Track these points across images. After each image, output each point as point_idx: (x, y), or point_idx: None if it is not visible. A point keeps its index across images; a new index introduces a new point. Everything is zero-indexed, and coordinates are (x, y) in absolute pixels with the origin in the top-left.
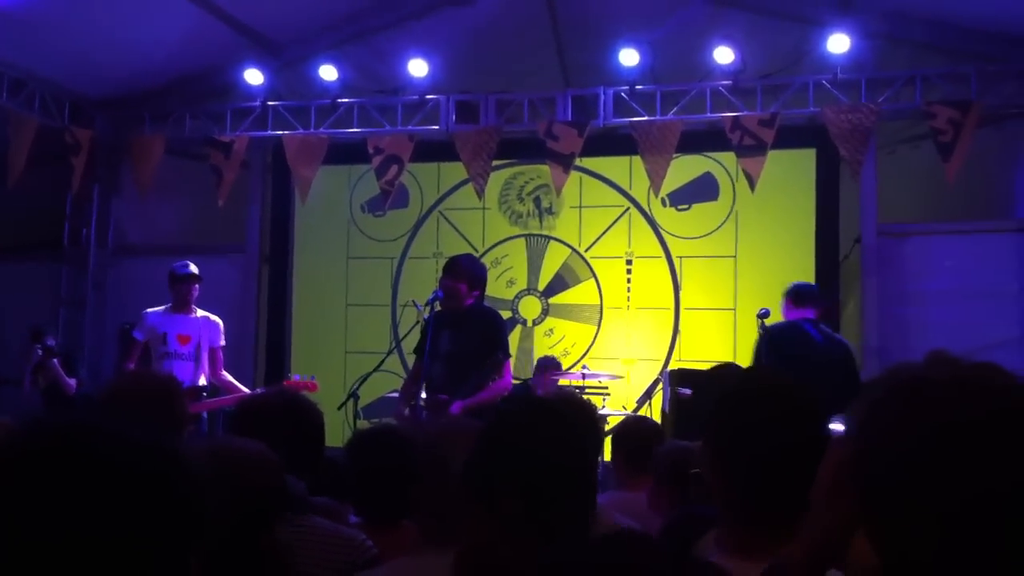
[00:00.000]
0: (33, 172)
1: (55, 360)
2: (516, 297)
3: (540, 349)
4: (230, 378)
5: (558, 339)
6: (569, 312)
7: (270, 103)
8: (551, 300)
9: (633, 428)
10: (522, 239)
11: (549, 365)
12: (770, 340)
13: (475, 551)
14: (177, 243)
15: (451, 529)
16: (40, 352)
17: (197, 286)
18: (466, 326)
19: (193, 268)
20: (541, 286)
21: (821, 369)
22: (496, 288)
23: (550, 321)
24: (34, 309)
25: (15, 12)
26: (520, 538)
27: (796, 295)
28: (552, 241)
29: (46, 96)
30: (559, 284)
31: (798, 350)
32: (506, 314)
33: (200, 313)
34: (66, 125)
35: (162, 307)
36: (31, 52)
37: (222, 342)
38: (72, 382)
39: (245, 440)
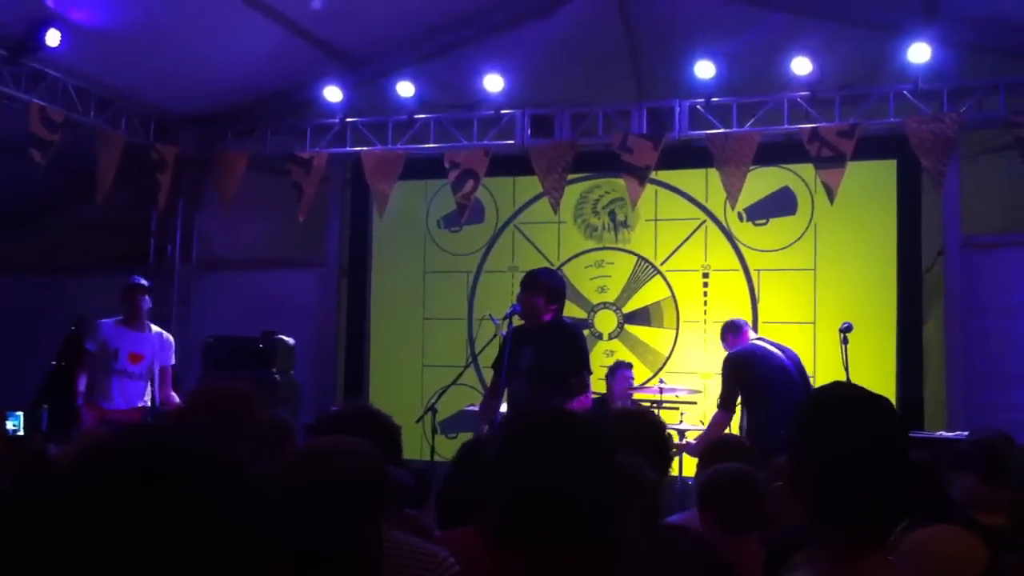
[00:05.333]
0: (119, 187)
1: None
2: (591, 311)
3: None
4: (177, 399)
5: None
6: (646, 318)
7: (348, 120)
8: (624, 310)
9: (717, 446)
10: (633, 257)
11: (617, 368)
12: (737, 367)
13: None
14: (259, 257)
15: None
16: None
17: (146, 297)
18: (547, 341)
19: (142, 280)
20: (625, 307)
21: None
22: (586, 287)
23: (616, 342)
24: None
25: (102, 31)
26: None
27: (731, 328)
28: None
29: (132, 113)
30: (641, 313)
31: (775, 367)
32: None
33: (154, 329)
34: (152, 142)
35: (114, 319)
36: (118, 70)
37: (172, 361)
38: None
39: (346, 436)
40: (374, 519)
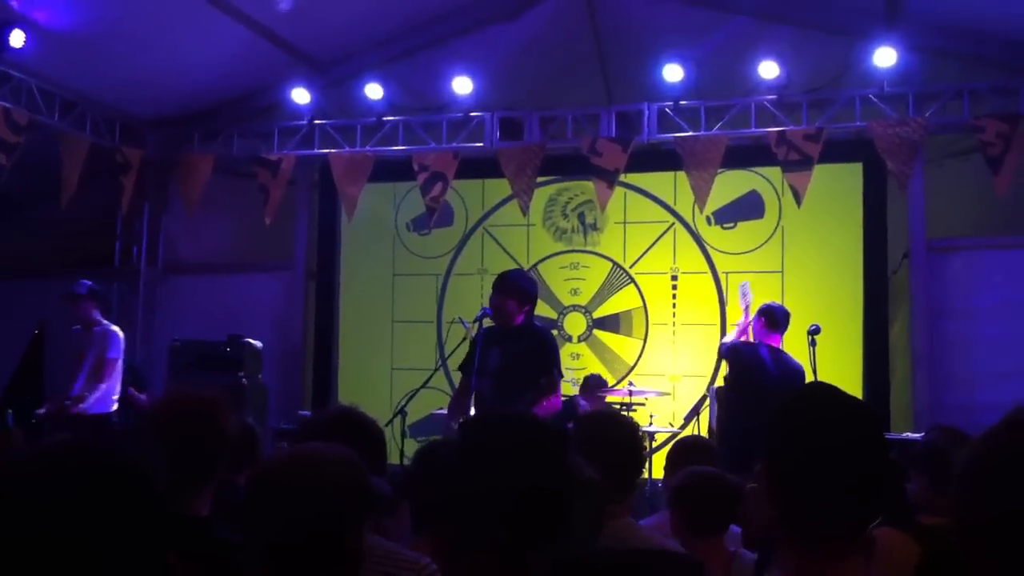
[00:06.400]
0: (84, 189)
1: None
2: (562, 312)
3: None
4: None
5: (583, 366)
6: (615, 325)
7: (316, 122)
8: (595, 315)
9: (687, 448)
10: (608, 263)
11: (596, 383)
12: (733, 356)
13: None
14: (225, 260)
15: None
16: None
17: (79, 304)
18: (516, 343)
19: (78, 289)
20: (596, 312)
21: (772, 396)
22: (559, 288)
23: (584, 346)
24: None
25: (66, 33)
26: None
27: (771, 318)
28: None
29: (97, 116)
30: (611, 319)
31: (754, 374)
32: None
33: (99, 328)
34: (117, 145)
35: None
36: (82, 73)
37: (110, 354)
38: (143, 397)
39: (329, 443)
40: (356, 527)
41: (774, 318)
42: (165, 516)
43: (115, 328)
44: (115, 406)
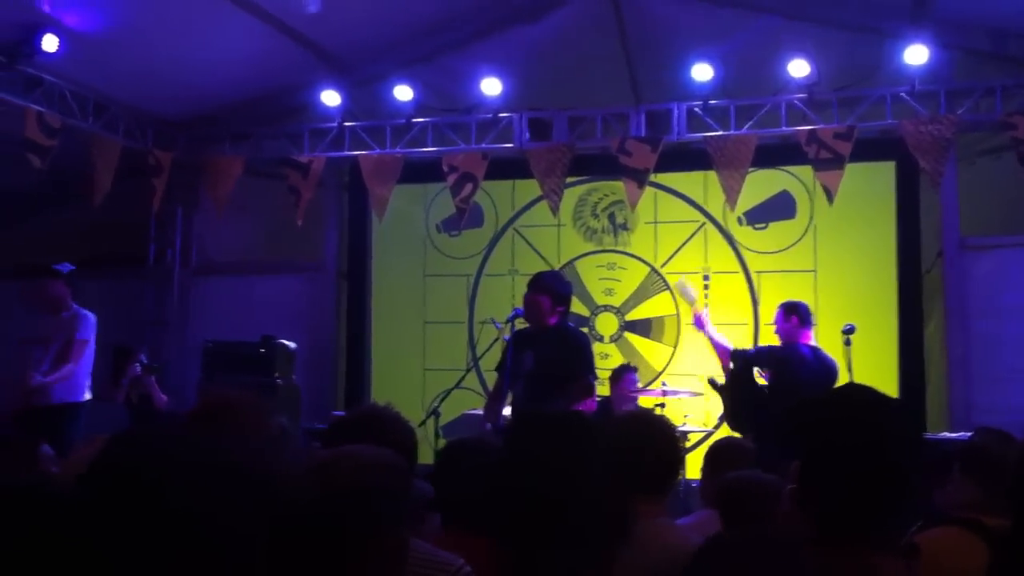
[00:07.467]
0: (116, 187)
1: (152, 377)
2: (594, 311)
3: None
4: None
5: (610, 367)
6: (646, 329)
7: (347, 124)
8: (627, 317)
9: (723, 450)
10: (645, 267)
11: (623, 372)
12: (776, 362)
13: None
14: (255, 262)
15: None
16: (139, 369)
17: (55, 283)
18: (550, 346)
19: (61, 268)
20: (629, 314)
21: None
22: (594, 287)
23: (614, 347)
24: (116, 324)
25: (96, 36)
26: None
27: (801, 315)
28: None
29: (129, 118)
30: (643, 324)
31: (802, 375)
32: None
33: (67, 313)
34: (149, 147)
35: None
36: (112, 75)
37: (80, 335)
38: (164, 398)
39: (371, 445)
40: (397, 529)
41: (805, 314)
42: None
43: (86, 311)
44: (88, 394)
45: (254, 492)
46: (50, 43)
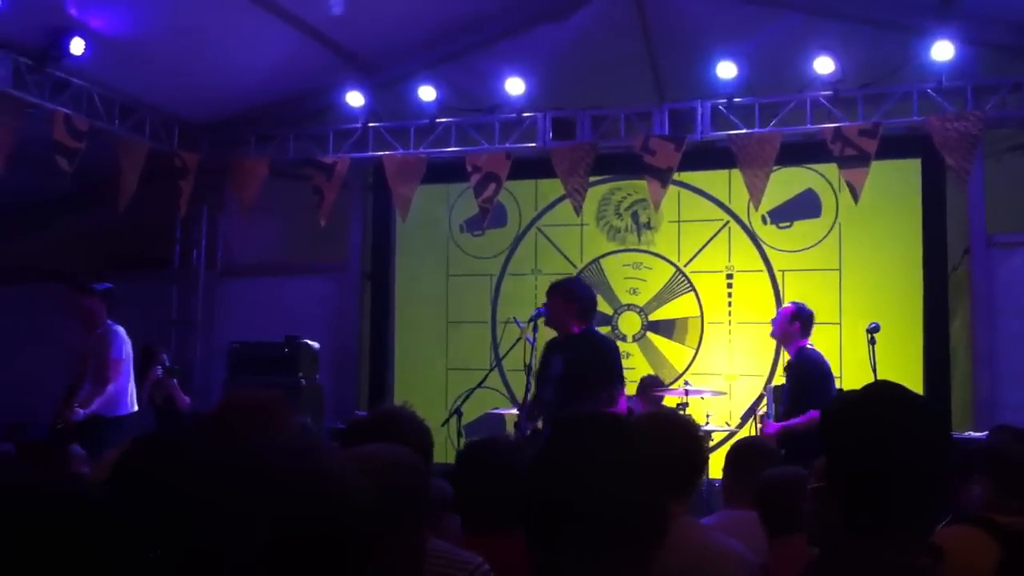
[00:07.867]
0: (142, 189)
1: (174, 380)
2: (618, 310)
3: None
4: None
5: (632, 366)
6: (670, 330)
7: (371, 124)
8: (651, 317)
9: (745, 450)
10: (671, 268)
11: (651, 384)
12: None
13: None
14: (279, 262)
15: None
16: (161, 371)
17: (91, 299)
18: (576, 352)
19: (97, 286)
20: (652, 314)
21: None
22: (618, 286)
23: (635, 346)
24: (143, 326)
25: (122, 40)
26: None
27: (806, 322)
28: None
29: (155, 121)
30: (666, 324)
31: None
32: (604, 329)
33: (101, 330)
34: (175, 149)
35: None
36: (138, 78)
37: (113, 355)
38: (187, 400)
39: (389, 445)
40: (417, 529)
41: (807, 323)
42: None
43: (118, 327)
44: (130, 407)
45: (266, 493)
46: (77, 47)
